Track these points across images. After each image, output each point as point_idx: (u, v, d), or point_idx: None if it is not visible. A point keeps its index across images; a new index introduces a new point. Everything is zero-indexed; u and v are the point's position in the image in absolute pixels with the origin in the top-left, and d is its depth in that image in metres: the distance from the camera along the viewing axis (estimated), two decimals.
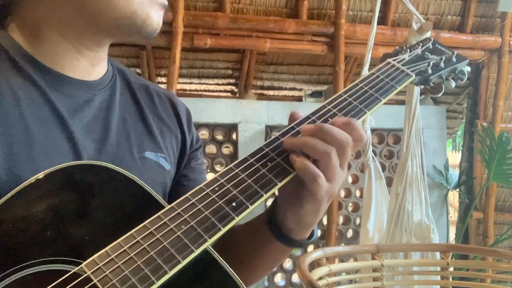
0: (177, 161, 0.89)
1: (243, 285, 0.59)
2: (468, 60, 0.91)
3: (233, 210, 0.61)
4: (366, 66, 2.53)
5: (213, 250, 0.60)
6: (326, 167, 0.66)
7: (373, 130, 3.15)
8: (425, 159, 2.40)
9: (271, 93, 4.04)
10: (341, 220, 3.46)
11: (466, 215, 3.44)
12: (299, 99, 4.01)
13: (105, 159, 0.72)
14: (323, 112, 0.74)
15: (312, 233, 0.78)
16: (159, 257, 0.56)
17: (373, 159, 2.64)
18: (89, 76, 0.79)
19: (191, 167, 0.91)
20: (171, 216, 0.60)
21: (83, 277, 0.54)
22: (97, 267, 0.55)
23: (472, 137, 3.55)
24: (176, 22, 2.87)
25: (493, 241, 3.42)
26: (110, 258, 0.55)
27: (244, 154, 0.68)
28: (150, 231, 0.58)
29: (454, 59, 0.90)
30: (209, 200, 0.62)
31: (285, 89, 3.99)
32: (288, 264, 3.40)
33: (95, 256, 0.56)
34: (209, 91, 4.01)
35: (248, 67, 3.63)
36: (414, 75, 0.84)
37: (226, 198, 0.62)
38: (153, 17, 0.76)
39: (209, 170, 3.11)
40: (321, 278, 1.41)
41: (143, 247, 0.56)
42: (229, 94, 4.03)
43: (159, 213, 0.60)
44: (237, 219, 0.61)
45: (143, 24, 0.75)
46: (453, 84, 0.90)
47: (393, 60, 0.85)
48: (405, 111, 2.37)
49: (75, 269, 0.55)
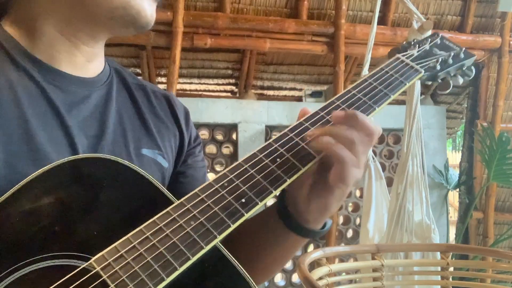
0: (175, 159, 0.89)
1: (252, 282, 0.58)
2: (475, 56, 0.90)
3: (242, 207, 0.61)
4: (366, 66, 2.53)
5: (222, 247, 0.60)
6: (357, 154, 0.66)
7: None
8: (425, 159, 2.40)
9: (271, 93, 4.04)
10: (341, 220, 3.46)
11: (466, 215, 3.44)
12: (299, 99, 4.01)
13: None
14: (332, 108, 0.73)
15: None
16: (168, 253, 0.55)
17: (373, 159, 2.64)
18: (86, 73, 0.79)
19: (188, 164, 0.91)
20: (181, 211, 0.59)
21: (92, 272, 0.54)
22: (107, 263, 0.54)
23: (472, 137, 3.56)
24: (176, 22, 2.87)
25: (493, 241, 3.42)
26: (120, 254, 0.55)
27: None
28: (159, 226, 0.58)
29: (462, 55, 0.89)
30: (218, 196, 0.61)
31: (285, 89, 3.99)
32: (288, 264, 3.40)
33: (104, 252, 0.55)
34: (209, 91, 4.00)
35: (248, 67, 3.63)
36: (423, 71, 0.83)
37: (236, 194, 0.62)
38: (146, 8, 0.76)
39: (209, 170, 3.10)
40: (321, 278, 1.41)
41: (153, 243, 0.56)
42: (229, 94, 4.03)
43: (168, 209, 0.60)
44: (246, 216, 0.61)
45: (137, 15, 0.76)
46: (460, 80, 0.89)
47: (402, 56, 0.84)
48: (406, 110, 2.37)
49: (84, 264, 0.55)
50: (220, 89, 3.98)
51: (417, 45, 0.89)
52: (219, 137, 3.29)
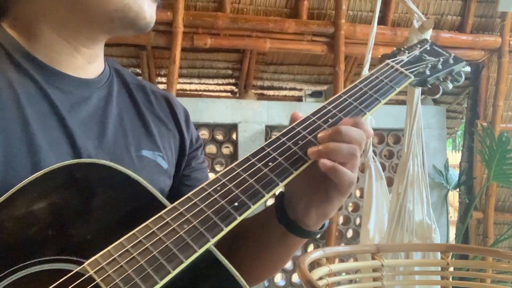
0: (176, 161, 0.89)
1: (246, 285, 0.58)
2: (465, 62, 0.92)
3: (235, 210, 0.61)
4: (366, 66, 2.53)
5: (216, 250, 0.60)
6: (352, 166, 0.70)
7: (373, 130, 3.14)
8: (425, 159, 2.40)
9: (271, 93, 4.04)
10: (341, 220, 3.46)
11: (466, 215, 3.44)
12: (299, 99, 4.01)
13: (102, 157, 0.72)
14: (323, 113, 0.75)
15: None
16: (162, 256, 0.56)
17: (374, 159, 2.64)
18: (86, 74, 0.79)
19: (192, 167, 0.92)
20: (174, 215, 0.59)
21: (85, 276, 0.54)
22: (100, 266, 0.54)
23: (472, 137, 3.55)
24: (176, 22, 2.87)
25: (493, 241, 3.42)
26: (113, 257, 0.55)
27: (245, 154, 0.69)
28: (152, 230, 0.58)
29: (451, 60, 0.91)
30: (211, 200, 0.62)
31: (285, 89, 3.99)
32: (288, 264, 3.40)
33: (97, 256, 0.55)
34: (209, 91, 4.01)
35: (248, 67, 3.63)
36: (413, 76, 0.84)
37: (228, 198, 0.62)
38: (145, 10, 0.76)
39: (209, 170, 3.10)
40: (321, 278, 1.41)
41: (146, 246, 0.56)
42: (229, 94, 4.03)
43: (161, 213, 0.60)
44: (239, 219, 0.61)
45: (136, 17, 0.75)
46: (450, 85, 0.91)
47: (392, 62, 0.86)
48: (406, 110, 2.36)
49: (77, 268, 0.55)
50: (220, 89, 3.98)
51: (407, 51, 0.91)
52: (219, 137, 3.30)
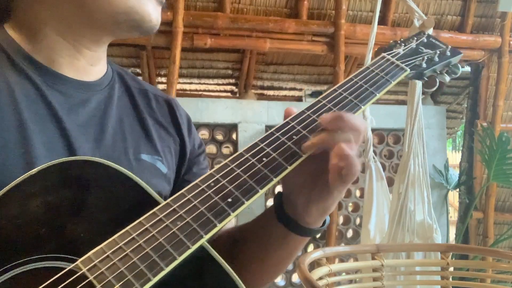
0: (176, 166, 0.89)
1: (239, 281, 0.58)
2: (462, 54, 0.91)
3: (229, 206, 0.61)
4: None
5: (209, 246, 0.60)
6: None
7: (373, 130, 3.15)
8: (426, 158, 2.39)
9: (271, 93, 4.04)
10: (341, 220, 3.46)
11: (466, 215, 3.44)
12: (299, 99, 4.01)
13: None
14: (318, 107, 0.73)
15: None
16: (155, 253, 0.55)
17: (374, 159, 2.63)
18: (88, 76, 0.79)
19: (193, 172, 0.91)
20: (167, 212, 0.59)
21: (78, 274, 0.54)
22: (93, 264, 0.54)
23: (472, 137, 3.55)
24: (176, 22, 2.87)
25: (493, 241, 3.41)
26: (106, 255, 0.55)
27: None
28: (145, 227, 0.57)
29: (448, 53, 0.89)
30: (204, 196, 0.61)
31: (285, 89, 3.99)
32: None
33: (90, 253, 0.55)
34: (209, 91, 4.00)
35: (248, 67, 3.62)
36: (409, 69, 0.83)
37: (222, 194, 0.62)
38: (151, 12, 0.76)
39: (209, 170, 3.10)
40: (321, 278, 1.41)
41: (139, 243, 0.56)
42: (229, 94, 4.03)
43: (154, 209, 0.60)
44: (233, 215, 0.61)
45: (141, 20, 0.75)
46: (447, 78, 0.90)
47: (388, 55, 0.85)
48: (407, 110, 2.36)
49: (70, 266, 0.55)
50: (220, 89, 3.98)
51: (403, 44, 0.89)
52: (219, 137, 3.30)
